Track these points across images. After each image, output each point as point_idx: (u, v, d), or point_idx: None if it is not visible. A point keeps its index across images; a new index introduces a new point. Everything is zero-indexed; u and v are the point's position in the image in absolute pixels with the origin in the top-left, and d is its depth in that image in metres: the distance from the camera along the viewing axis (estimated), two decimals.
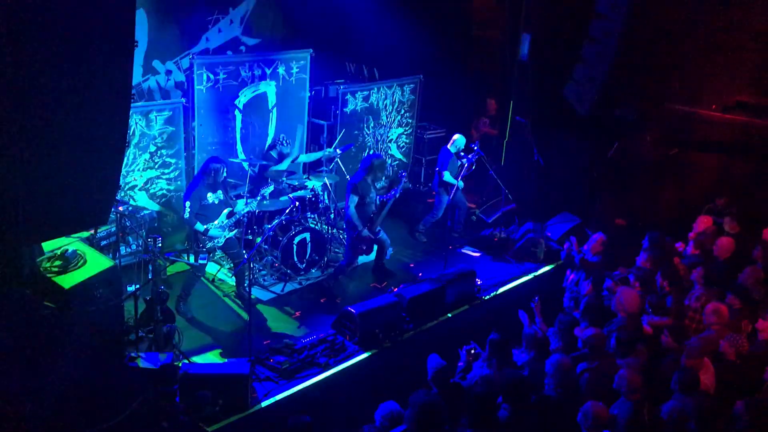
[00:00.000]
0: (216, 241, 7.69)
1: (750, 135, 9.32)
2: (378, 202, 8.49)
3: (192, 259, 7.70)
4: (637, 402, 5.18)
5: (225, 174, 7.75)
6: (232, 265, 8.32)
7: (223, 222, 7.73)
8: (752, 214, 8.72)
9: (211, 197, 7.65)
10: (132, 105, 8.05)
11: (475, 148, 9.86)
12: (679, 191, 9.74)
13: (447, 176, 9.84)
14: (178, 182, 9.12)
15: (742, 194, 9.23)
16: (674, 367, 5.63)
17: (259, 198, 8.07)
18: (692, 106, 9.71)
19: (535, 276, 9.39)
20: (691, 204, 9.25)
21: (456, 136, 9.99)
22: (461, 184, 9.78)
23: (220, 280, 8.65)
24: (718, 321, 6.23)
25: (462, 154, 9.90)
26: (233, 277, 8.42)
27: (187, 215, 7.51)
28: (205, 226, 7.57)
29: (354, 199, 8.24)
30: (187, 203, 7.51)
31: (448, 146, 9.95)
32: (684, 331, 6.51)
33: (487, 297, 8.63)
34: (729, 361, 5.87)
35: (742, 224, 8.32)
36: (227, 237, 7.80)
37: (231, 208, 7.83)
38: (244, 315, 7.81)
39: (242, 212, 7.90)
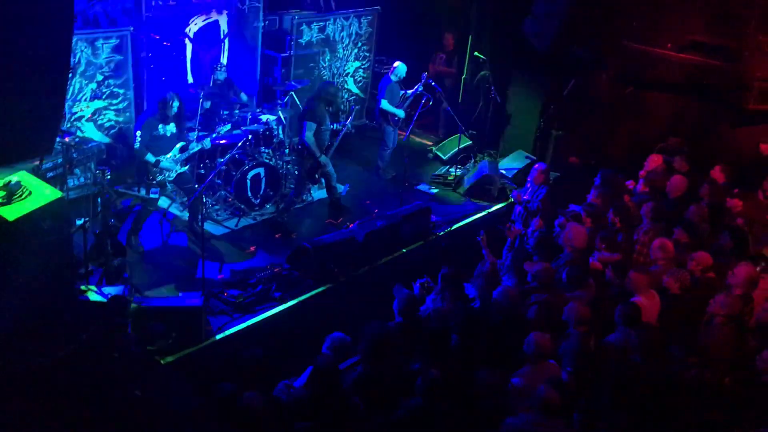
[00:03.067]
0: (167, 174, 7.54)
1: (702, 75, 9.38)
2: (332, 128, 8.52)
3: (143, 192, 7.54)
4: (585, 334, 5.34)
5: (177, 105, 7.52)
6: (185, 199, 8.18)
7: (175, 156, 7.57)
8: (703, 154, 8.88)
9: (162, 129, 7.47)
10: (77, 31, 7.79)
11: (433, 83, 9.74)
12: (633, 130, 9.83)
13: (384, 104, 9.64)
14: (127, 113, 8.83)
15: (694, 134, 9.37)
16: (619, 300, 5.79)
17: (214, 135, 7.92)
18: (649, 45, 9.70)
19: (488, 213, 9.49)
20: (644, 143, 9.34)
21: (396, 64, 9.71)
22: (401, 113, 9.70)
23: (172, 214, 8.50)
24: (664, 256, 6.41)
25: (419, 87, 9.72)
26: (186, 212, 8.29)
27: (138, 145, 7.34)
28: (156, 158, 7.40)
29: (312, 126, 8.22)
30: (138, 133, 7.36)
31: (390, 74, 9.77)
32: (627, 268, 6.67)
33: (442, 233, 8.70)
34: (673, 294, 6.05)
35: (693, 163, 8.47)
36: (179, 171, 7.65)
37: (184, 142, 7.67)
38: (198, 250, 7.72)
39: (195, 148, 7.72)
